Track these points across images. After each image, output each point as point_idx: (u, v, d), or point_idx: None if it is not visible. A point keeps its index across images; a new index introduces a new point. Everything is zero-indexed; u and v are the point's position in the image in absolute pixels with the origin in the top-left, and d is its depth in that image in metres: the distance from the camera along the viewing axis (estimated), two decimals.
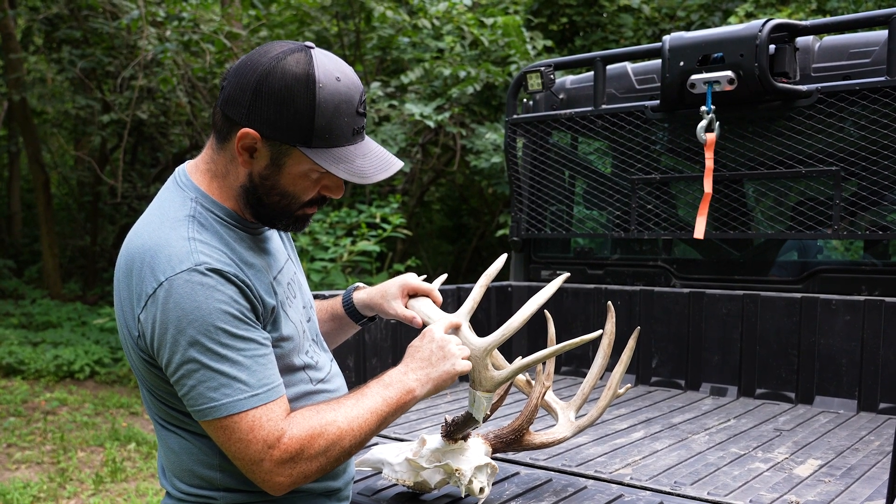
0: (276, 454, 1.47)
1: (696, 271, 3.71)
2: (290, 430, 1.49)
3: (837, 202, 3.21)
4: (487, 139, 7.84)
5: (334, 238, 7.34)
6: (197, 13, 8.84)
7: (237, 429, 1.46)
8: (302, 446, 1.49)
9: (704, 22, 9.18)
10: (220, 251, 1.50)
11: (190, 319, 1.43)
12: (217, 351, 1.44)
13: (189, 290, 1.44)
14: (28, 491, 5.12)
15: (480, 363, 1.75)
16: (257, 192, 1.57)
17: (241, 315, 1.48)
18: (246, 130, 1.50)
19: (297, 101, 1.47)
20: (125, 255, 1.53)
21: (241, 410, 1.45)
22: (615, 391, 2.17)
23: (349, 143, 1.53)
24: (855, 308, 3.12)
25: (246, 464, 1.48)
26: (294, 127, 1.49)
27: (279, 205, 1.58)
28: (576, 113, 3.84)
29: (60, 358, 8.37)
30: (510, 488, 2.08)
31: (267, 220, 1.62)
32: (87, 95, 10.66)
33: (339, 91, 1.50)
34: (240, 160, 1.54)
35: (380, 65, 9.58)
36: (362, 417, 1.56)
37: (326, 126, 1.49)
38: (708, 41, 3.29)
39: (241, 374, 1.46)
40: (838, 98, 3.18)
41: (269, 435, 1.47)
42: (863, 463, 2.40)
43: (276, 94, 1.47)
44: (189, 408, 1.49)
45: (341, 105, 1.50)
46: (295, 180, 1.56)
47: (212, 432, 1.49)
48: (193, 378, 1.45)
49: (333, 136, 1.51)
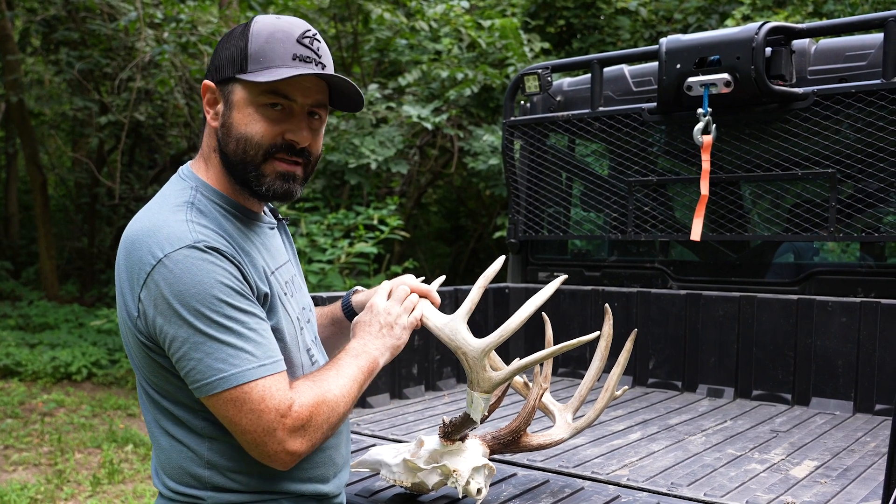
0: (288, 422, 1.47)
1: (692, 273, 3.72)
2: (297, 399, 1.50)
3: (833, 204, 3.22)
4: (485, 141, 7.85)
5: (332, 240, 7.34)
6: (194, 15, 8.84)
7: (249, 399, 1.45)
8: (311, 414, 1.50)
9: (701, 25, 9.20)
10: (217, 234, 1.52)
11: (192, 293, 1.43)
12: (221, 322, 1.44)
13: (189, 265, 1.44)
14: (25, 493, 5.11)
15: (478, 364, 1.76)
16: (221, 148, 1.59)
17: (240, 290, 1.48)
18: (204, 83, 1.60)
19: (235, 38, 1.58)
20: (125, 239, 1.54)
21: (251, 380, 1.45)
22: (612, 393, 2.18)
23: (289, 66, 1.54)
24: (851, 310, 3.13)
25: (258, 435, 1.47)
26: (233, 60, 1.56)
27: (238, 152, 1.57)
28: (573, 115, 3.85)
29: (58, 359, 8.36)
30: (507, 489, 2.08)
31: (240, 180, 1.60)
32: (84, 97, 10.65)
33: (274, 24, 1.57)
34: (209, 120, 1.61)
35: (377, 67, 9.59)
36: (347, 386, 1.59)
37: (259, 50, 1.54)
38: (704, 44, 3.30)
39: (247, 346, 1.46)
40: (834, 101, 3.19)
41: (281, 404, 1.47)
42: (859, 464, 2.41)
43: (222, 42, 1.61)
44: (194, 385, 1.46)
45: (276, 33, 1.56)
46: (245, 117, 1.56)
47: (220, 407, 1.47)
48: (200, 351, 1.44)
49: (268, 58, 1.54)
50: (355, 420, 2.92)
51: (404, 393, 3.34)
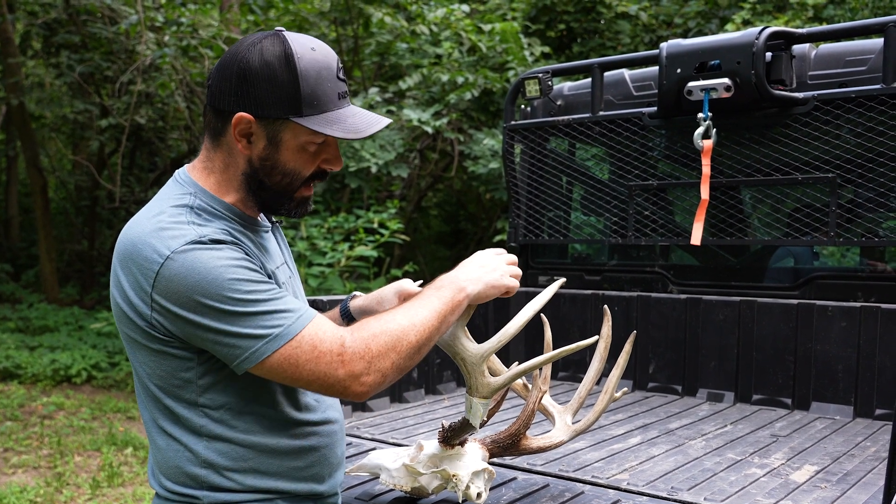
0: (346, 357, 1.49)
1: (692, 277, 3.72)
2: (350, 334, 1.52)
3: (833, 209, 3.22)
4: (485, 145, 7.86)
5: (332, 243, 7.34)
6: (195, 18, 8.85)
7: (301, 351, 1.48)
8: (367, 344, 1.51)
9: (701, 29, 9.22)
10: (219, 230, 1.54)
11: (209, 280, 1.45)
12: (245, 298, 1.46)
13: (198, 256, 1.46)
14: (25, 495, 5.11)
15: (477, 370, 1.76)
16: (258, 177, 1.60)
17: (251, 267, 1.51)
18: (240, 115, 1.54)
19: (281, 75, 1.53)
20: (122, 243, 1.54)
21: (296, 333, 1.47)
22: (612, 396, 2.18)
23: (337, 107, 1.59)
24: (851, 314, 3.13)
25: (324, 379, 1.49)
26: (283, 100, 1.54)
27: (281, 184, 1.61)
28: (573, 119, 3.85)
29: (57, 362, 8.36)
30: (507, 493, 2.08)
31: (271, 207, 1.66)
32: (85, 100, 10.66)
33: (316, 59, 1.56)
34: (239, 147, 1.58)
35: (378, 70, 9.60)
36: (420, 315, 1.58)
37: (312, 93, 1.54)
38: (705, 48, 3.31)
39: (278, 306, 1.48)
40: (834, 106, 3.20)
41: (333, 343, 1.49)
42: (859, 469, 2.41)
43: (260, 73, 1.53)
44: (239, 360, 1.48)
45: (322, 71, 1.56)
46: (294, 155, 1.59)
47: (275, 370, 1.49)
48: (236, 327, 1.46)
49: (321, 101, 1.56)
50: (354, 423, 2.92)
51: (404, 397, 3.34)
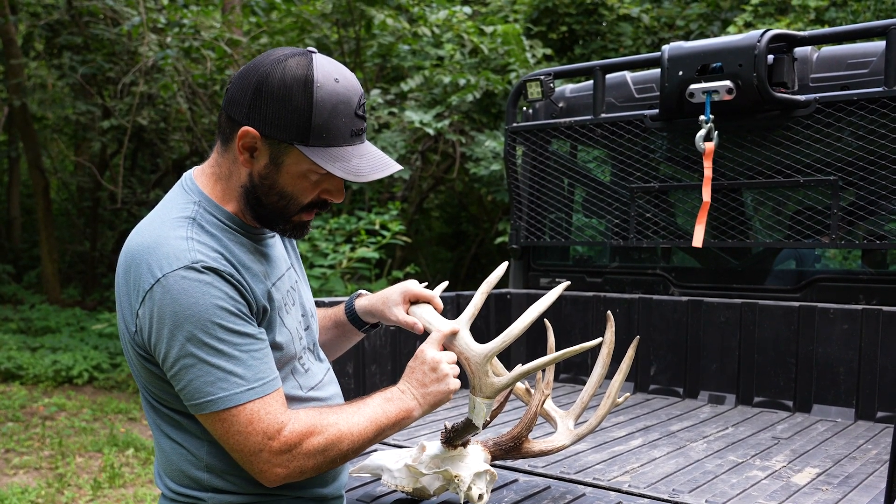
0: (275, 445, 1.50)
1: (694, 279, 3.73)
2: (290, 423, 1.52)
3: (835, 211, 3.22)
4: (487, 147, 7.86)
5: (333, 245, 7.34)
6: (198, 20, 8.87)
7: (235, 421, 1.49)
8: (301, 440, 1.52)
9: (703, 31, 9.22)
10: (217, 252, 1.52)
11: (187, 315, 1.46)
12: (213, 346, 1.47)
13: (185, 287, 1.46)
14: (26, 496, 5.11)
15: (480, 370, 1.76)
16: (256, 192, 1.59)
17: (236, 311, 1.50)
18: (246, 129, 1.53)
19: (296, 99, 1.50)
20: (125, 252, 1.56)
21: (238, 404, 1.48)
22: (614, 399, 2.18)
23: (347, 143, 1.56)
24: (852, 317, 3.13)
25: (245, 455, 1.51)
26: (292, 125, 1.51)
27: (277, 206, 1.60)
28: (575, 121, 3.86)
29: (59, 363, 8.36)
30: (509, 495, 2.09)
31: (266, 222, 1.64)
32: (87, 101, 10.68)
33: (336, 92, 1.53)
34: (241, 159, 1.57)
35: (380, 72, 9.61)
36: (362, 425, 1.60)
37: (324, 125, 1.52)
38: (707, 51, 3.31)
39: (236, 369, 1.49)
40: (836, 108, 3.20)
41: (269, 427, 1.50)
42: (860, 471, 2.41)
43: (276, 92, 1.51)
44: (187, 402, 1.51)
45: (339, 105, 1.53)
46: (293, 180, 1.58)
47: (210, 426, 1.52)
48: (190, 373, 1.47)
49: (331, 135, 1.53)
50: None
51: None
